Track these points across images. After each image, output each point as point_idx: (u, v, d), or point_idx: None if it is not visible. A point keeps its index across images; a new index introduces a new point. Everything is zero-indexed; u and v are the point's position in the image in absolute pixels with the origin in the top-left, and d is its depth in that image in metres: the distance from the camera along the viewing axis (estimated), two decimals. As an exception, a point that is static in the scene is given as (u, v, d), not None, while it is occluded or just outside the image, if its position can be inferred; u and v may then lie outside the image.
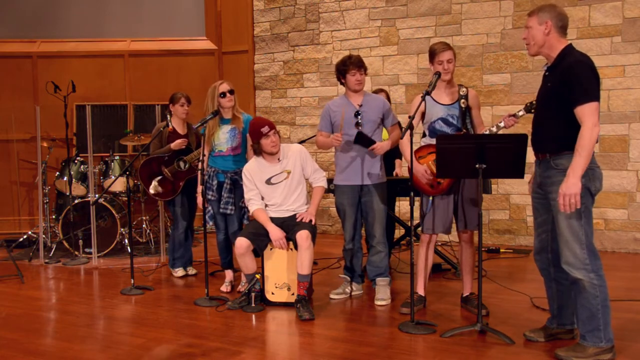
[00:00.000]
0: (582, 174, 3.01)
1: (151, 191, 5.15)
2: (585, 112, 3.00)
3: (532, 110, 3.82)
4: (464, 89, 4.01)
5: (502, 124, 3.82)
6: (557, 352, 3.21)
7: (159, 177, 5.15)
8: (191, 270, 5.34)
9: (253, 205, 4.35)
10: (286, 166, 4.34)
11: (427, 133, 4.05)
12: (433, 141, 3.97)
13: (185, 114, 5.23)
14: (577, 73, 3.04)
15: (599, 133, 3.05)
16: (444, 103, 3.99)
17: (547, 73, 3.27)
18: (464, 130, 3.97)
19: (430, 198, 4.03)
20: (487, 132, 3.81)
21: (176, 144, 5.06)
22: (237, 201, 4.65)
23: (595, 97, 3.02)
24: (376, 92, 5.19)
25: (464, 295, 4.17)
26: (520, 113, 3.85)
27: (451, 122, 3.98)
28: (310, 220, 4.28)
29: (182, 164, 5.08)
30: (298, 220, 4.29)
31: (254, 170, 4.36)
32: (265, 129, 4.20)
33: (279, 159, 4.34)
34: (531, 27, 3.22)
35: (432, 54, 3.94)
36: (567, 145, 3.08)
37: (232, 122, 4.64)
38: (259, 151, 4.32)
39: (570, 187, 3.01)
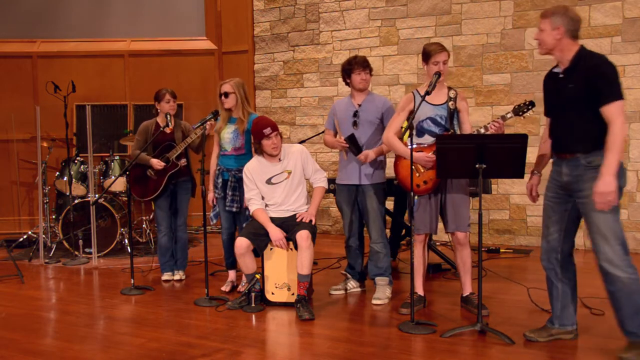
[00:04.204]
0: (616, 171, 3.04)
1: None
2: (613, 111, 3.05)
3: (521, 114, 3.81)
4: (453, 91, 4.04)
5: (487, 130, 3.81)
6: (620, 356, 3.18)
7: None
8: (177, 275, 5.18)
9: (253, 205, 4.36)
10: (287, 166, 4.35)
11: (414, 132, 4.03)
12: (420, 140, 4.00)
13: (173, 110, 5.03)
14: (603, 73, 3.10)
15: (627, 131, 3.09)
16: (434, 103, 4.00)
17: (561, 75, 3.26)
18: (452, 131, 3.99)
19: (415, 197, 4.02)
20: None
21: (154, 164, 4.91)
22: (242, 199, 4.63)
23: (621, 96, 3.08)
24: None
25: (464, 295, 4.17)
26: (509, 115, 3.83)
27: (439, 122, 3.99)
28: (310, 220, 4.28)
29: (165, 161, 4.95)
30: (298, 220, 4.29)
31: (254, 170, 4.37)
32: (267, 130, 4.20)
33: (279, 159, 4.35)
34: (543, 30, 3.23)
35: (428, 55, 3.95)
36: (598, 143, 3.11)
37: (236, 123, 4.64)
38: (259, 151, 4.32)
39: (607, 185, 3.02)
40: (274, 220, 4.30)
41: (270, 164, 4.35)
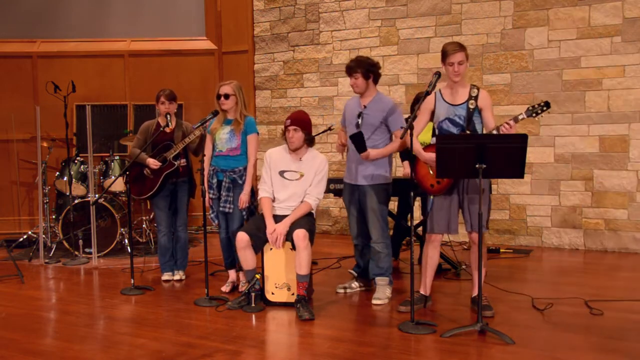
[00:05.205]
0: None
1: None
2: None
3: (534, 115, 3.80)
4: (475, 90, 3.98)
5: (499, 131, 3.80)
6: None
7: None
8: (177, 275, 5.18)
9: (263, 191, 4.42)
10: (303, 169, 4.36)
11: (436, 132, 4.05)
12: None
13: (170, 112, 4.98)
14: None
15: None
16: (453, 103, 3.99)
17: None
18: (468, 131, 3.95)
19: (431, 197, 4.03)
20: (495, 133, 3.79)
21: (150, 163, 4.91)
22: (235, 200, 4.64)
23: None
24: None
25: (473, 296, 4.16)
26: (521, 117, 3.81)
27: (457, 122, 3.97)
28: (310, 220, 4.31)
29: (162, 161, 4.94)
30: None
31: (274, 156, 4.44)
32: (287, 122, 4.30)
33: (300, 158, 4.37)
34: None
35: (444, 55, 3.92)
36: None
37: (233, 125, 4.64)
38: (285, 140, 4.39)
39: None
40: (276, 217, 4.31)
41: (290, 157, 4.39)
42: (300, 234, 4.10)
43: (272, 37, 7.58)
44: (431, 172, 3.99)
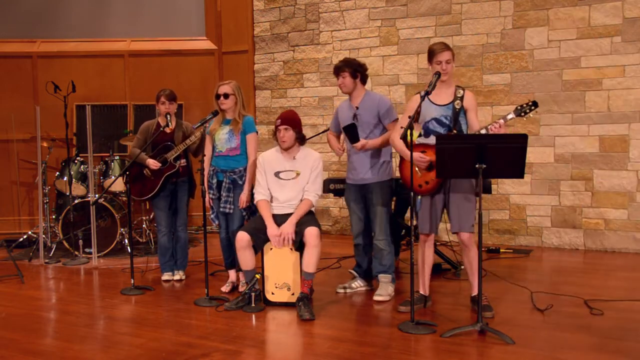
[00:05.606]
0: None
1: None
2: None
3: (523, 114, 3.80)
4: (461, 91, 4.01)
5: (488, 131, 3.80)
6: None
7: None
8: (177, 275, 5.18)
9: (259, 194, 4.41)
10: (298, 167, 4.37)
11: (422, 133, 4.05)
12: (427, 141, 3.99)
13: (167, 112, 4.97)
14: None
15: None
16: (439, 103, 4.01)
17: None
18: (454, 131, 3.97)
19: (419, 197, 4.03)
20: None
21: (150, 164, 4.92)
22: (235, 200, 4.64)
23: None
24: None
25: (472, 295, 4.16)
26: (510, 116, 3.81)
27: (444, 123, 3.99)
28: (314, 218, 4.33)
29: (163, 162, 4.95)
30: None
31: (268, 159, 4.44)
32: (277, 122, 4.31)
33: (294, 157, 4.38)
34: None
35: (431, 54, 3.96)
36: None
37: (231, 124, 4.64)
38: (277, 140, 4.40)
39: None
40: (276, 217, 4.32)
41: (283, 158, 4.40)
42: (313, 232, 4.11)
43: (272, 37, 7.58)
44: (417, 170, 3.99)
